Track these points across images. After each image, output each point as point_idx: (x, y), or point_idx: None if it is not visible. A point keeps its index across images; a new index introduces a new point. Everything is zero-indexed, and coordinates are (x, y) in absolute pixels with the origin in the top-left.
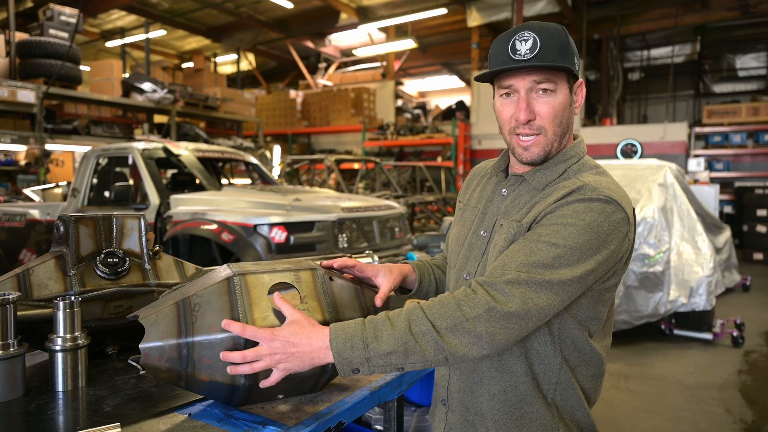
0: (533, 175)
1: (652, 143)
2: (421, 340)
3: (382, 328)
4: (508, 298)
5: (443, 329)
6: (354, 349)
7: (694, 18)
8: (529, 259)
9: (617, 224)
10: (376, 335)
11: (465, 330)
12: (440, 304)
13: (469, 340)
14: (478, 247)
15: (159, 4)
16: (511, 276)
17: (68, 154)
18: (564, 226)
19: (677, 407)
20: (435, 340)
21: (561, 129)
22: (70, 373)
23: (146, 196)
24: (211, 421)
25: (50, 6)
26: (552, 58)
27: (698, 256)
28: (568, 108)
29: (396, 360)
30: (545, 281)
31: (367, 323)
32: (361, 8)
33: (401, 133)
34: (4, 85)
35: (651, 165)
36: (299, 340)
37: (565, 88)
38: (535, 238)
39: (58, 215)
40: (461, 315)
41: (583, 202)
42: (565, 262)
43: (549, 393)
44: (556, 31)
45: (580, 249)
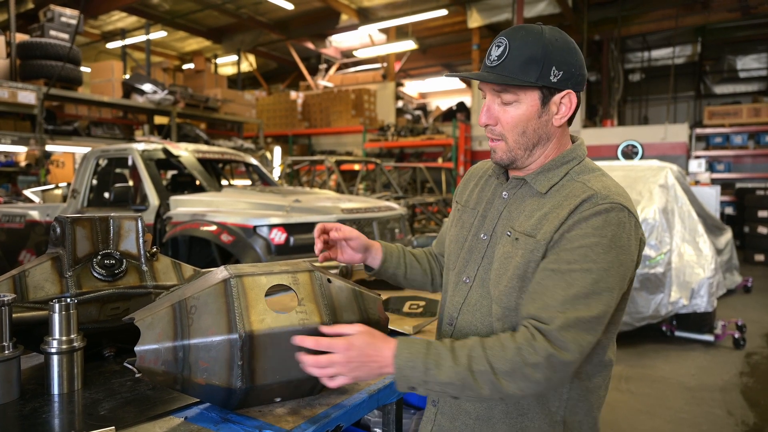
0: (535, 179)
1: (653, 144)
2: (479, 378)
3: (445, 358)
4: (565, 345)
5: (501, 372)
6: (414, 370)
7: (695, 19)
8: (569, 292)
9: (633, 231)
10: (437, 363)
11: (523, 375)
12: (501, 347)
13: (526, 385)
14: (478, 250)
15: (160, 5)
16: (560, 321)
17: (69, 156)
18: (590, 248)
19: (678, 409)
20: (492, 381)
21: (525, 139)
22: (65, 376)
23: (146, 198)
24: (208, 425)
25: (51, 7)
26: (514, 70)
27: (699, 258)
28: (535, 119)
29: (452, 390)
30: (593, 318)
31: (431, 348)
32: (361, 9)
33: (402, 134)
34: (4, 87)
35: (652, 166)
36: (373, 352)
37: (532, 99)
38: (566, 268)
39: (55, 216)
40: (521, 360)
41: (599, 216)
42: (604, 286)
43: (559, 410)
44: (532, 40)
45: (611, 267)
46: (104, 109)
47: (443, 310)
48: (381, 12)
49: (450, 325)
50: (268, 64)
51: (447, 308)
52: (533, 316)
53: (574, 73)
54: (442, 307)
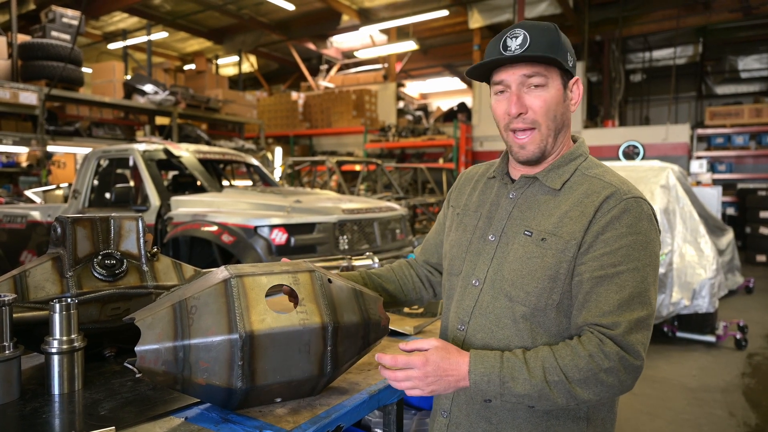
0: (546, 176)
1: (655, 145)
2: (554, 388)
3: (519, 371)
4: (634, 349)
5: (576, 381)
6: (490, 384)
7: (696, 20)
8: (623, 295)
9: (654, 221)
10: (512, 376)
11: (598, 381)
12: (573, 356)
13: (600, 390)
14: (485, 251)
15: (161, 6)
16: (624, 327)
17: (70, 156)
18: (630, 247)
19: (680, 410)
20: (567, 390)
21: (555, 124)
22: (66, 376)
23: (147, 198)
24: (208, 425)
25: (52, 8)
26: (542, 52)
27: (701, 258)
28: (562, 103)
29: (528, 401)
30: (649, 315)
31: (505, 360)
32: (362, 10)
33: (403, 134)
34: (6, 87)
35: (653, 166)
36: (449, 366)
37: (558, 82)
38: (613, 272)
39: (56, 217)
40: (595, 367)
41: (629, 213)
42: (651, 280)
43: (582, 407)
44: (546, 28)
45: (651, 261)
46: (105, 110)
47: (448, 315)
48: (382, 13)
49: (461, 330)
50: (269, 65)
51: (456, 312)
52: (595, 324)
53: (575, 63)
54: (446, 311)
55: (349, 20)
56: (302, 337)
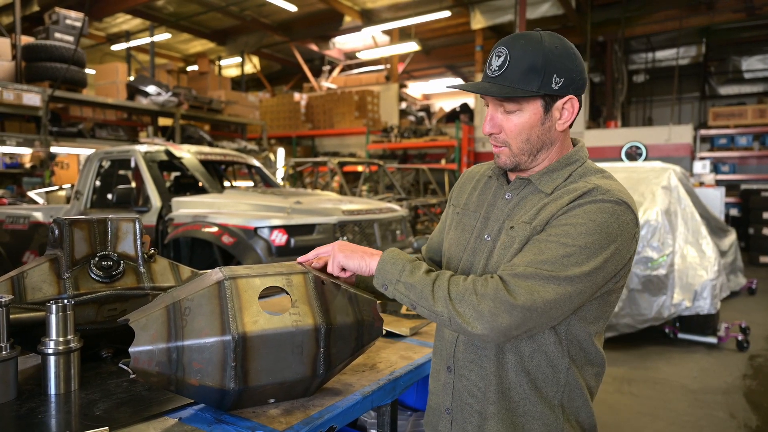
0: (540, 179)
1: (657, 146)
2: (436, 293)
3: (420, 268)
4: (514, 289)
5: (454, 294)
6: (394, 266)
7: (699, 20)
8: (538, 257)
9: (626, 224)
10: (413, 269)
11: (470, 302)
12: (462, 278)
13: (472, 313)
14: (481, 251)
15: (164, 7)
16: (519, 270)
17: (73, 157)
18: (574, 226)
19: (681, 412)
20: (445, 298)
21: (529, 145)
22: (62, 377)
23: (148, 199)
24: (201, 425)
25: (56, 10)
26: (515, 80)
27: (702, 260)
28: (539, 126)
29: (413, 295)
30: (552, 276)
31: (414, 261)
32: (364, 11)
33: (405, 135)
34: (10, 89)
35: (655, 167)
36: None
37: (535, 106)
38: (544, 239)
39: (54, 218)
40: (472, 288)
41: (594, 203)
42: (575, 261)
43: (557, 395)
44: (532, 49)
45: (589, 248)
46: (109, 111)
47: None
48: (384, 13)
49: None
50: (271, 66)
51: None
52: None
53: (575, 79)
54: None
55: (351, 21)
56: (295, 339)
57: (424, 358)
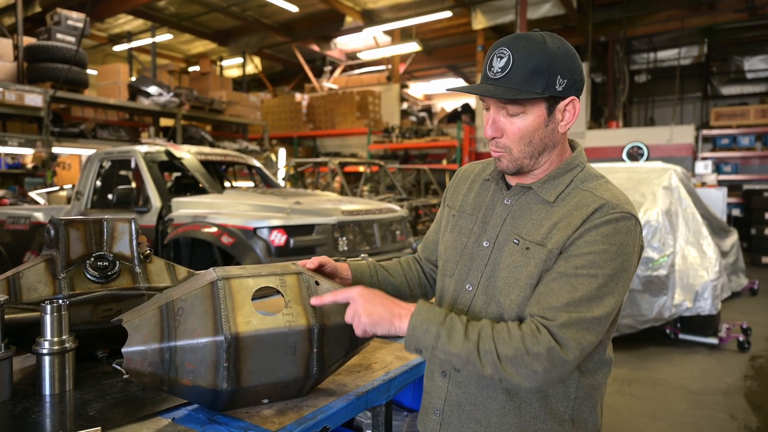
0: (542, 187)
1: (659, 146)
2: (483, 356)
3: (457, 331)
4: (566, 342)
5: (504, 356)
6: (427, 333)
7: (701, 20)
8: (574, 296)
9: (637, 239)
10: (449, 333)
11: (524, 363)
12: (508, 333)
13: (525, 372)
14: (480, 257)
15: (166, 8)
16: (563, 319)
17: (75, 158)
18: (598, 254)
19: (681, 413)
20: (494, 362)
21: (531, 148)
22: (57, 377)
23: (148, 199)
24: (194, 426)
25: (57, 11)
26: (519, 82)
27: (703, 260)
28: (542, 128)
29: (456, 362)
30: (595, 318)
31: (447, 318)
32: (366, 11)
33: (406, 136)
34: (12, 89)
35: (656, 168)
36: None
37: (539, 108)
38: (573, 272)
39: (50, 219)
40: (524, 348)
41: (609, 224)
42: (608, 290)
43: (567, 410)
44: (535, 49)
45: (616, 273)
46: (110, 112)
47: None
48: (385, 14)
49: None
50: (273, 67)
51: None
52: (539, 314)
53: (576, 80)
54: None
55: (352, 22)
56: (288, 339)
57: (419, 358)
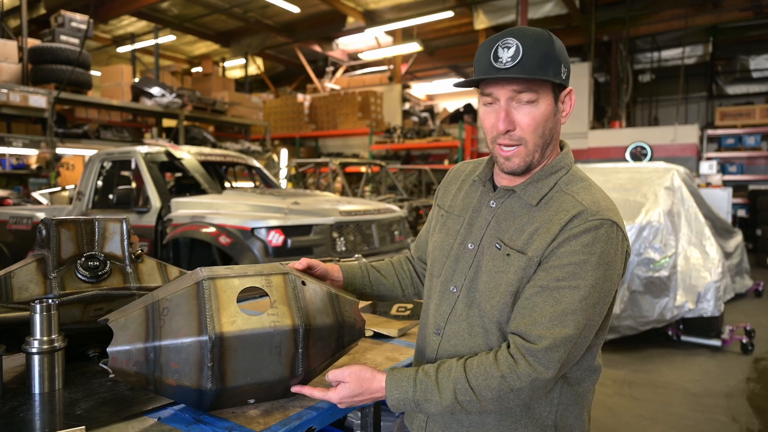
0: (525, 190)
1: (663, 146)
2: (466, 406)
3: (431, 394)
4: (548, 365)
5: (487, 399)
6: (406, 406)
7: (706, 19)
8: (557, 309)
9: (619, 245)
10: (425, 398)
11: (508, 399)
12: (485, 375)
13: (509, 405)
14: (464, 259)
15: (169, 9)
16: (547, 342)
17: (79, 158)
18: (578, 266)
19: (682, 415)
20: (478, 407)
21: (543, 140)
22: (46, 376)
23: (148, 200)
24: (180, 425)
25: (61, 13)
26: (533, 68)
27: (706, 261)
28: (552, 118)
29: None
30: (578, 333)
31: (418, 383)
32: (367, 12)
33: (408, 136)
34: (16, 91)
35: (658, 168)
36: (362, 391)
37: (549, 97)
38: (555, 285)
39: (41, 219)
40: (506, 387)
41: (589, 233)
42: (591, 301)
43: (550, 415)
44: (541, 38)
45: (598, 283)
46: (114, 113)
47: (427, 317)
48: (387, 14)
49: (437, 335)
50: (275, 67)
51: (433, 316)
52: (521, 333)
53: (569, 72)
54: (425, 312)
55: (354, 22)
56: (273, 339)
57: (410, 359)
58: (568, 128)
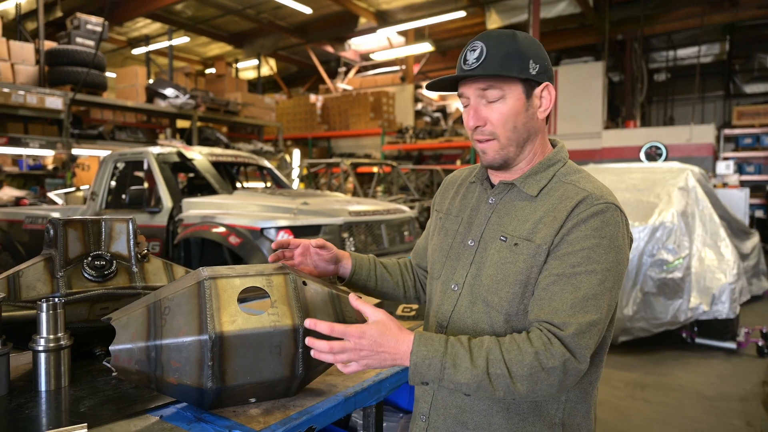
0: (524, 182)
1: (678, 146)
2: (495, 381)
3: (463, 359)
4: (580, 352)
5: (518, 376)
6: (430, 368)
7: (723, 16)
8: (577, 295)
9: (625, 228)
10: (455, 362)
11: (539, 379)
12: (518, 350)
13: (540, 388)
14: (465, 257)
15: (183, 11)
16: (574, 328)
17: (94, 159)
18: (592, 249)
19: (695, 419)
20: (508, 384)
21: (516, 134)
22: (52, 373)
23: (160, 200)
24: (181, 424)
25: (77, 15)
26: (495, 66)
27: (721, 263)
28: (523, 113)
29: (466, 389)
30: (601, 319)
31: (449, 346)
32: (379, 12)
33: (420, 136)
34: (33, 93)
35: (672, 168)
36: (386, 342)
37: (517, 93)
38: (571, 272)
39: (49, 219)
40: (539, 365)
41: (597, 217)
42: (608, 285)
43: (558, 413)
44: (506, 38)
45: (612, 266)
46: (128, 114)
47: (429, 319)
48: (399, 15)
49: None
50: (288, 68)
51: (435, 317)
52: (546, 321)
53: (547, 68)
54: (427, 316)
55: (366, 23)
56: (273, 339)
57: None
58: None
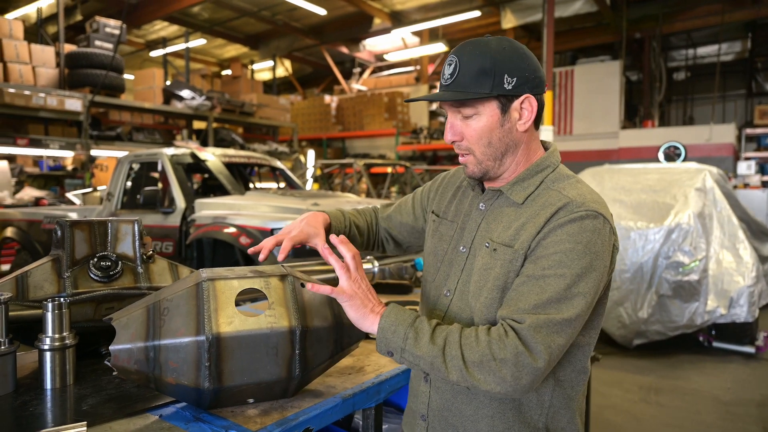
0: (511, 189)
1: (697, 146)
2: (449, 362)
3: (424, 333)
4: (535, 347)
5: (470, 362)
6: (395, 335)
7: (744, 14)
8: (542, 297)
9: (607, 238)
10: (417, 335)
11: (490, 369)
12: (475, 338)
13: (492, 379)
14: (457, 263)
15: (199, 14)
16: (531, 320)
17: (112, 160)
18: (564, 254)
19: (710, 424)
20: (460, 368)
21: (492, 149)
22: (58, 372)
23: (173, 200)
24: (179, 423)
25: (96, 19)
26: (467, 84)
27: (739, 265)
28: (499, 128)
29: (423, 365)
30: (564, 321)
31: (417, 321)
32: (394, 13)
33: (434, 137)
34: (53, 95)
35: (689, 169)
36: (373, 297)
37: (491, 108)
38: (540, 274)
39: (56, 220)
40: (490, 353)
41: (574, 223)
42: (577, 291)
43: (541, 418)
44: (479, 53)
45: (585, 272)
46: (146, 115)
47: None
48: (413, 15)
49: None
50: (303, 69)
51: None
52: (508, 317)
53: (529, 77)
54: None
55: (380, 23)
56: (269, 340)
57: None
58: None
